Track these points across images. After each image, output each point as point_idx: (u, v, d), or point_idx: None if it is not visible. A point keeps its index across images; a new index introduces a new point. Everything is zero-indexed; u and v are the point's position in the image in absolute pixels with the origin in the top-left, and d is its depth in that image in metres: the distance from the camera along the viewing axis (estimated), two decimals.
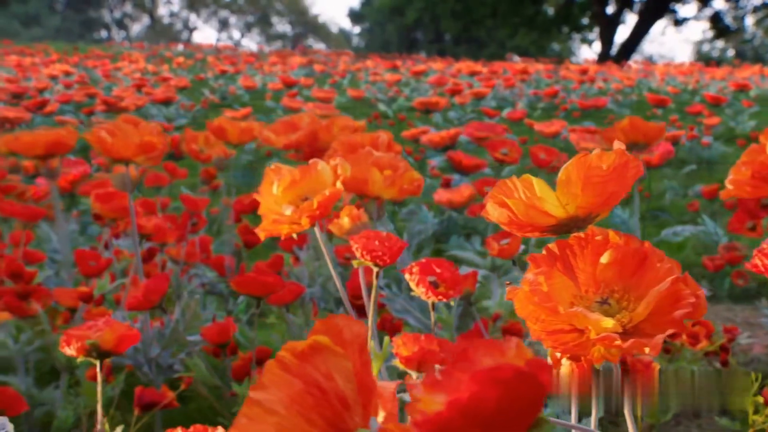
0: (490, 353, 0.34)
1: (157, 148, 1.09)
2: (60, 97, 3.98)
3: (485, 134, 2.61)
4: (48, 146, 1.45)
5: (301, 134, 1.39)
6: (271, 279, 1.09)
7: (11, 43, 12.63)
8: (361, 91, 4.79)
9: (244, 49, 14.96)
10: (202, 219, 1.55)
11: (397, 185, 1.05)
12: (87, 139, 1.09)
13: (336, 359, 0.39)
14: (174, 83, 5.22)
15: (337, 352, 0.39)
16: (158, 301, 1.06)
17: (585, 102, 4.00)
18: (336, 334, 0.40)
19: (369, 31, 28.54)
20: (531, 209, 0.57)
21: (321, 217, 0.86)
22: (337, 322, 0.40)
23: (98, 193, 1.18)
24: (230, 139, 1.48)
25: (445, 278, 0.85)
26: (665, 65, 12.18)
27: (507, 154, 1.49)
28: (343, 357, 0.39)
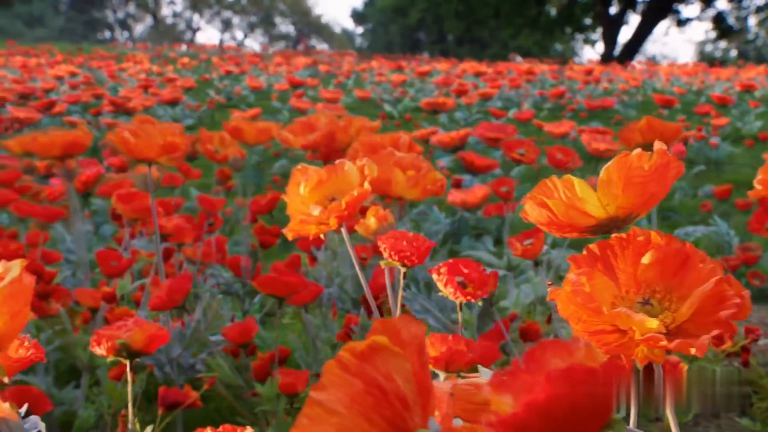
0: (558, 354, 0.34)
1: (179, 148, 1.09)
2: (68, 97, 3.98)
3: (495, 135, 2.62)
4: (65, 147, 1.45)
5: (319, 135, 1.40)
6: (293, 279, 1.09)
7: (15, 43, 12.65)
8: (367, 92, 4.79)
9: (248, 50, 14.97)
10: (219, 219, 1.55)
11: (421, 186, 1.06)
12: (110, 140, 1.09)
13: (395, 359, 0.39)
14: (180, 84, 5.23)
15: (397, 353, 0.39)
16: (181, 300, 1.07)
17: (592, 103, 4.00)
18: (394, 334, 0.40)
19: (372, 31, 28.55)
20: (571, 209, 0.57)
21: (349, 218, 0.87)
22: (395, 322, 0.41)
23: (120, 193, 1.19)
24: (247, 139, 1.48)
25: (472, 278, 0.85)
26: (669, 65, 12.17)
27: (524, 155, 1.49)
28: (402, 357, 0.39)
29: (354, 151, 1.18)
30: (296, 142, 1.39)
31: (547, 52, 28.78)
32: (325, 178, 0.89)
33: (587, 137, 2.52)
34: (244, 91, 6.39)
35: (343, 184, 0.89)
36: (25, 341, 0.61)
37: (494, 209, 1.64)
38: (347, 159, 1.23)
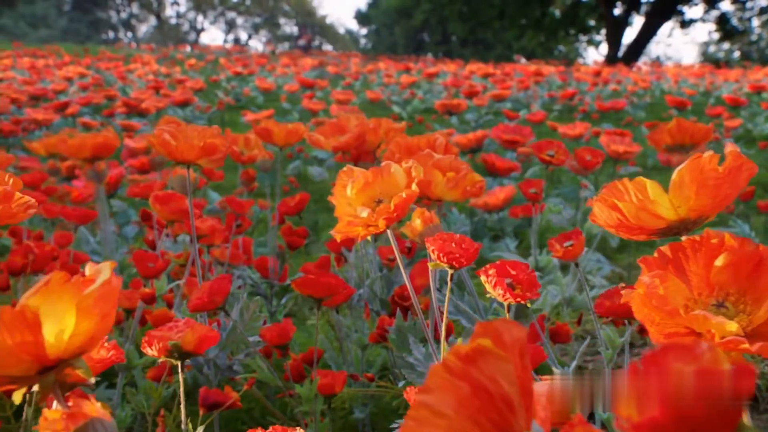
0: (680, 358, 0.34)
1: (219, 150, 1.10)
2: (80, 99, 3.99)
3: (512, 137, 2.62)
4: (95, 149, 1.46)
5: (350, 136, 1.40)
6: (333, 280, 1.09)
7: (22, 44, 12.67)
8: (378, 93, 4.80)
9: (254, 51, 14.99)
10: (246, 221, 1.55)
11: (461, 187, 1.06)
12: (150, 142, 1.10)
13: (500, 362, 0.39)
14: (190, 85, 5.24)
15: (501, 355, 0.39)
16: (222, 302, 1.07)
17: (604, 104, 4.00)
18: (496, 337, 0.40)
19: (376, 32, 28.56)
20: (642, 212, 0.57)
21: (397, 219, 0.87)
22: (497, 325, 0.41)
23: (158, 195, 1.19)
24: (276, 140, 1.48)
25: (521, 280, 0.86)
26: (676, 67, 12.16)
27: (554, 156, 1.49)
28: (506, 360, 0.39)
29: (390, 153, 1.18)
30: (327, 144, 1.39)
31: (550, 53, 28.79)
32: (372, 180, 0.89)
33: (606, 139, 2.52)
34: (253, 92, 6.39)
35: (389, 185, 0.90)
36: (105, 342, 0.61)
37: (521, 210, 1.64)
38: (384, 160, 1.24)
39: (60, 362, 0.46)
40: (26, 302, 0.43)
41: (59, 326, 0.45)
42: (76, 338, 0.45)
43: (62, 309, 0.45)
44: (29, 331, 0.43)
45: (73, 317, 0.45)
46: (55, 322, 0.45)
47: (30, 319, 0.43)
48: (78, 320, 0.45)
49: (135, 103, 3.71)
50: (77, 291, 0.45)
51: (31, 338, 0.43)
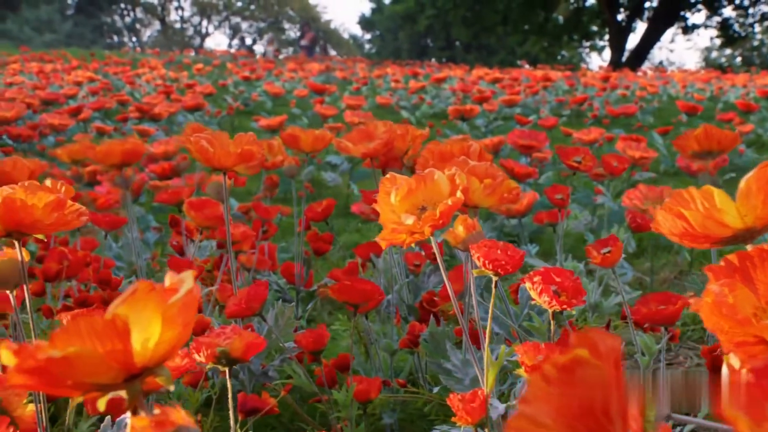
0: None
1: (255, 157, 1.10)
2: (93, 104, 4.00)
3: (528, 142, 2.62)
4: (123, 155, 1.46)
5: (378, 143, 1.40)
6: (368, 287, 1.10)
7: (29, 49, 12.71)
8: (388, 99, 4.81)
9: (259, 56, 15.05)
10: (273, 226, 1.56)
11: (498, 194, 1.06)
12: (187, 148, 1.10)
13: (596, 372, 0.39)
14: (200, 90, 5.25)
15: (597, 365, 0.40)
16: (259, 308, 1.07)
17: (615, 110, 4.01)
18: (592, 346, 0.41)
19: (380, 37, 28.60)
20: (708, 220, 0.58)
21: (442, 226, 0.87)
22: (592, 335, 0.41)
23: (192, 201, 1.20)
24: (303, 147, 1.49)
25: (566, 287, 0.86)
26: (682, 72, 12.16)
27: (581, 162, 1.50)
28: (603, 370, 0.40)
29: (424, 159, 1.19)
30: (356, 151, 1.39)
31: (554, 58, 28.81)
32: (415, 187, 0.90)
33: (622, 144, 2.53)
34: (261, 97, 6.41)
35: (432, 192, 0.90)
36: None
37: (547, 216, 1.64)
38: (417, 167, 1.24)
39: (145, 370, 0.47)
40: (116, 311, 0.43)
41: (145, 335, 0.45)
42: (161, 346, 0.46)
43: (148, 318, 0.45)
44: (119, 339, 0.43)
45: (158, 326, 0.46)
46: (141, 331, 0.45)
47: (120, 327, 0.43)
48: (163, 329, 0.46)
49: (147, 108, 3.72)
50: (162, 300, 0.45)
51: (120, 347, 0.44)
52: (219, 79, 8.58)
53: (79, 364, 0.43)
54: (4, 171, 1.23)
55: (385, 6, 27.39)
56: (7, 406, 0.79)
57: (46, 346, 0.42)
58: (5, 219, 0.75)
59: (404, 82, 7.51)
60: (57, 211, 0.76)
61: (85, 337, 0.43)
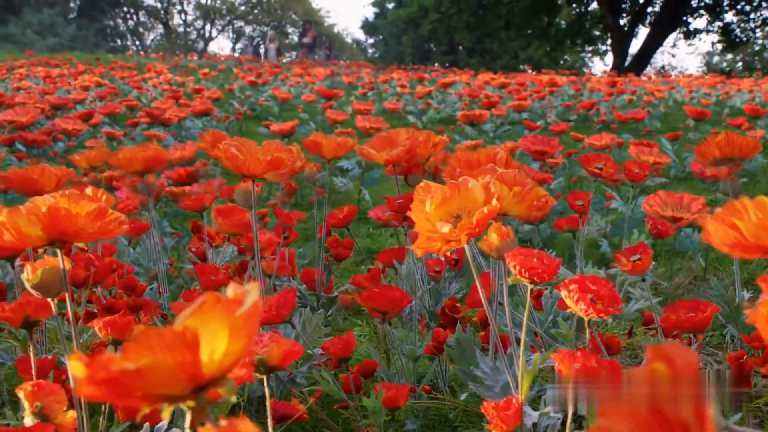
0: None
1: (285, 164, 1.11)
2: (103, 108, 4.01)
3: (541, 148, 2.62)
4: (146, 162, 1.47)
5: (401, 150, 1.41)
6: (397, 294, 1.10)
7: (33, 53, 12.75)
8: (396, 104, 4.81)
9: (264, 60, 15.07)
10: (293, 232, 1.56)
11: (527, 201, 1.06)
12: (216, 156, 1.11)
13: (675, 386, 0.40)
14: (207, 95, 5.26)
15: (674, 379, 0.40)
16: (288, 315, 1.08)
17: (624, 115, 4.01)
18: (669, 361, 0.41)
19: (383, 42, 28.65)
20: (762, 230, 0.58)
21: (478, 234, 0.88)
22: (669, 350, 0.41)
23: (219, 208, 1.20)
24: (325, 153, 1.49)
25: (602, 295, 0.86)
26: (686, 77, 12.16)
27: (602, 169, 1.50)
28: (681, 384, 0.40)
29: (451, 167, 1.19)
30: (379, 157, 1.40)
31: (556, 62, 28.85)
32: (449, 196, 0.90)
33: (635, 150, 2.53)
34: (268, 102, 6.42)
35: (466, 201, 0.91)
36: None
37: (567, 222, 1.64)
38: (446, 175, 1.25)
39: (211, 382, 0.47)
40: (185, 323, 0.43)
41: (212, 347, 0.46)
42: (227, 358, 0.46)
43: (215, 330, 0.45)
44: (189, 351, 0.44)
45: (225, 338, 0.46)
46: (208, 343, 0.45)
47: (190, 340, 0.43)
48: (230, 341, 0.46)
49: (158, 113, 3.73)
50: (228, 312, 0.45)
51: (190, 358, 0.44)
52: (225, 84, 8.60)
53: (151, 376, 0.43)
54: (32, 178, 1.24)
55: (388, 11, 27.44)
56: (48, 413, 0.79)
57: (118, 358, 0.42)
58: (49, 228, 0.75)
59: (410, 87, 7.52)
60: (99, 219, 0.77)
61: (156, 349, 0.43)
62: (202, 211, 1.48)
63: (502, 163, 1.20)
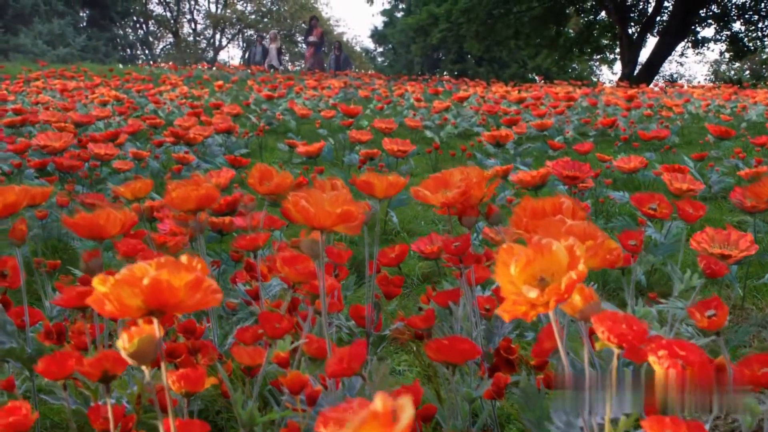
0: None
1: (356, 217, 1.11)
2: (127, 128, 4.03)
3: (573, 173, 2.62)
4: (199, 201, 1.48)
5: (457, 192, 1.41)
6: (467, 346, 1.10)
7: (47, 63, 12.83)
8: (417, 122, 4.82)
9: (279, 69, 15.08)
10: (344, 270, 1.57)
11: (600, 255, 1.06)
12: (288, 208, 1.11)
13: None
14: (227, 110, 5.28)
15: None
16: (359, 368, 1.08)
17: (646, 134, 4.00)
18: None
19: (392, 51, 28.73)
20: None
21: (567, 299, 0.88)
22: None
23: (285, 257, 1.20)
24: (377, 193, 1.49)
25: (692, 361, 0.86)
26: (699, 88, 12.14)
27: (656, 210, 1.50)
28: None
29: (517, 216, 1.19)
30: (435, 200, 1.40)
31: (565, 71, 28.87)
32: (533, 258, 0.90)
33: (668, 177, 2.53)
34: (285, 116, 6.44)
35: (550, 263, 0.91)
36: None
37: None
38: (512, 225, 1.25)
39: None
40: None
41: None
42: None
43: None
44: None
45: None
46: None
47: None
48: None
49: (182, 133, 3.75)
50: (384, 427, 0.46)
51: None
52: (239, 95, 8.63)
53: None
54: (99, 224, 1.25)
55: (397, 20, 27.51)
56: None
57: None
58: (150, 300, 0.76)
59: (425, 99, 7.53)
60: (197, 291, 0.77)
61: None
62: (256, 251, 1.49)
63: (568, 213, 1.20)
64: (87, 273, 1.28)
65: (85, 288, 1.13)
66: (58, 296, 1.15)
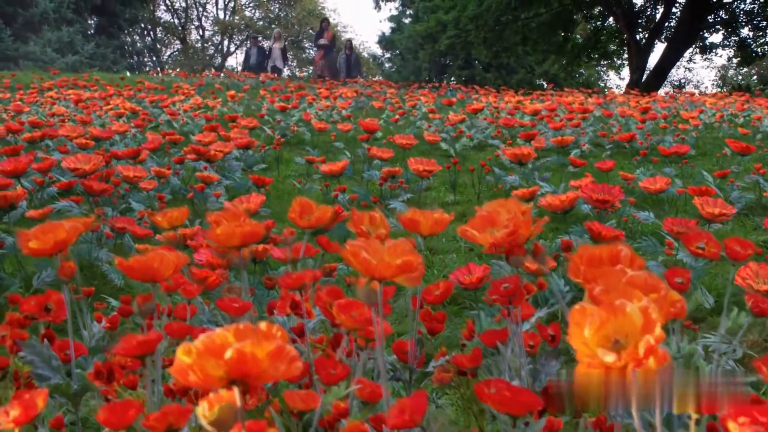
0: None
1: (416, 268, 1.11)
2: (148, 144, 4.04)
3: (603, 197, 2.62)
4: (243, 238, 1.48)
5: (505, 233, 1.40)
6: (529, 398, 1.10)
7: (59, 72, 12.88)
8: (436, 136, 4.82)
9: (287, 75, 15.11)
10: (388, 307, 1.56)
11: (663, 309, 1.06)
12: (347, 257, 1.11)
13: None
14: (244, 123, 5.29)
15: None
16: (420, 420, 1.08)
17: (666, 149, 4.00)
18: None
19: (400, 56, 28.76)
20: None
21: (644, 364, 0.87)
22: None
23: (341, 304, 1.20)
24: (422, 231, 1.49)
25: None
26: (711, 96, 12.11)
27: (704, 249, 1.49)
28: None
29: (574, 265, 1.18)
30: (483, 240, 1.39)
31: (572, 77, 28.85)
32: (606, 319, 0.90)
33: (699, 201, 2.52)
34: (300, 128, 6.45)
35: (624, 325, 0.90)
36: None
37: None
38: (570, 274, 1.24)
39: None
40: None
41: None
42: None
43: None
44: None
45: None
46: None
47: None
48: None
49: (204, 151, 3.76)
50: None
51: None
52: (251, 104, 8.65)
53: None
54: (153, 267, 1.25)
55: (405, 26, 27.54)
56: None
57: None
58: (234, 371, 0.76)
59: (437, 108, 7.53)
60: (280, 360, 0.77)
61: None
62: (302, 289, 1.49)
63: (627, 262, 1.19)
64: (141, 316, 1.28)
65: (146, 338, 1.13)
66: (119, 345, 1.15)
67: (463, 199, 4.36)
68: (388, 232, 1.72)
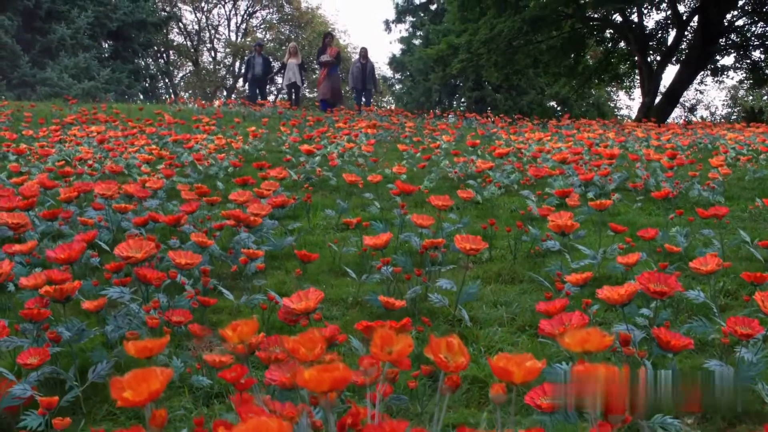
0: None
1: None
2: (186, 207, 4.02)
3: (660, 288, 2.59)
4: (333, 383, 1.46)
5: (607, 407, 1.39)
6: None
7: (76, 101, 12.95)
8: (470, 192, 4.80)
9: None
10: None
11: None
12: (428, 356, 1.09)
13: None
14: (273, 174, 5.28)
15: None
16: None
17: (705, 212, 3.96)
18: None
19: (411, 78, 28.86)
20: None
21: None
22: None
23: None
24: (515, 380, 1.47)
25: None
26: (729, 126, 12.09)
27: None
28: None
29: None
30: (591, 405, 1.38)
31: (582, 98, 28.87)
32: None
33: (760, 297, 2.49)
34: (325, 171, 6.44)
35: None
36: None
37: None
38: None
39: None
40: None
41: None
42: None
43: None
44: None
45: None
46: None
47: None
48: None
49: (244, 216, 3.75)
50: None
51: None
52: (271, 141, 8.67)
53: None
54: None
55: (415, 47, 27.66)
56: None
57: None
58: None
59: (462, 150, 7.52)
60: None
61: None
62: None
63: None
64: None
65: None
66: None
67: (497, 255, 4.34)
68: (468, 361, 1.70)
